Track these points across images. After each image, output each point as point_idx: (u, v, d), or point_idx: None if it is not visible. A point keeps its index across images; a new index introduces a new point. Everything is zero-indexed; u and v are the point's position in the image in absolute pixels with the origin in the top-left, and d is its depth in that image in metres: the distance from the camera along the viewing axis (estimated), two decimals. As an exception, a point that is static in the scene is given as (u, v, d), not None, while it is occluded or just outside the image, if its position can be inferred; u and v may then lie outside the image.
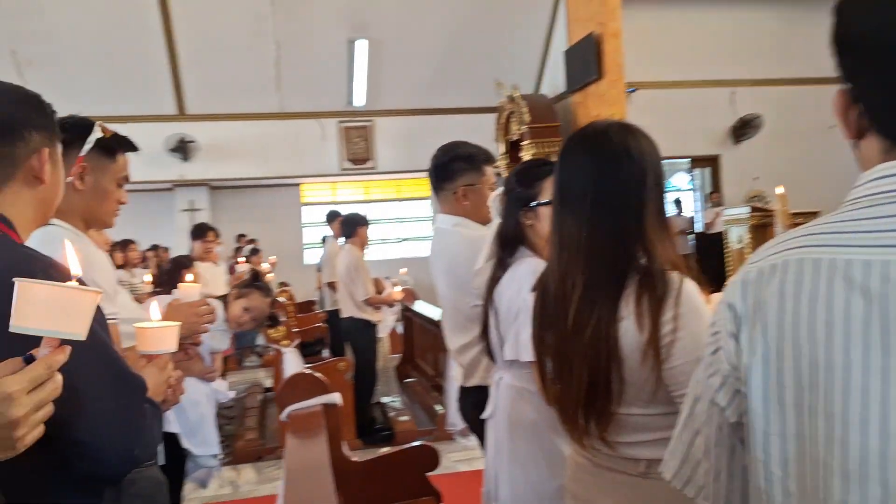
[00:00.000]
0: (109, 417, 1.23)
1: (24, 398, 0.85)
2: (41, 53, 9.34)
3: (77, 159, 1.91)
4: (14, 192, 1.35)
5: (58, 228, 1.91)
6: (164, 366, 1.54)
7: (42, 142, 1.37)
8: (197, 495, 4.78)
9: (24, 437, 0.86)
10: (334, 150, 11.04)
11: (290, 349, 5.39)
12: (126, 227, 10.50)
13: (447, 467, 4.79)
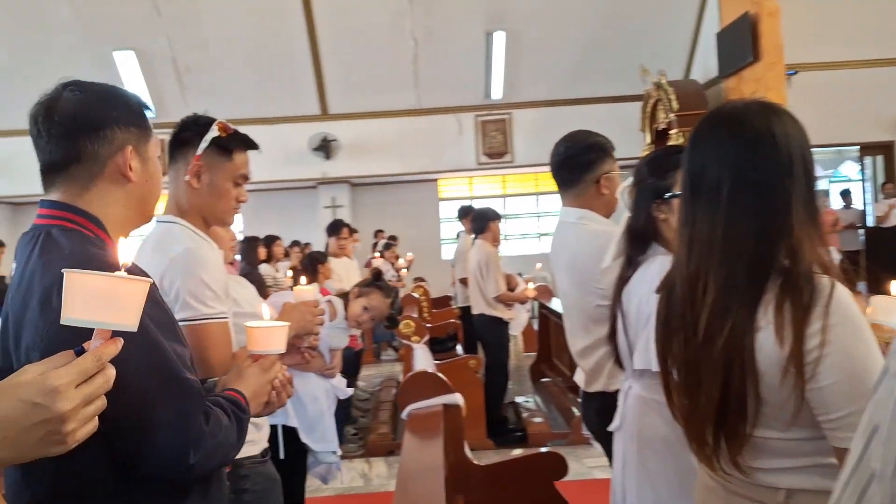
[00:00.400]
0: (157, 421, 1.21)
1: (71, 392, 0.82)
2: (198, 60, 9.94)
3: (194, 158, 1.93)
4: (102, 191, 1.36)
5: (176, 226, 1.94)
6: (268, 367, 1.52)
7: (127, 139, 1.36)
8: (330, 486, 4.86)
9: (75, 432, 0.84)
10: (471, 145, 11.00)
11: (420, 345, 5.35)
12: (272, 223, 11.04)
13: (582, 473, 4.59)
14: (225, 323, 1.87)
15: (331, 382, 2.88)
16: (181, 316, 1.79)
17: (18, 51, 9.53)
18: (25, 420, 0.81)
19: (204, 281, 1.83)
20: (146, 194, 1.44)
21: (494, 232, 5.74)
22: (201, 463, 1.25)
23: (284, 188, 11.67)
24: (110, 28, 9.53)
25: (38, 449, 0.83)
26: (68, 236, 1.30)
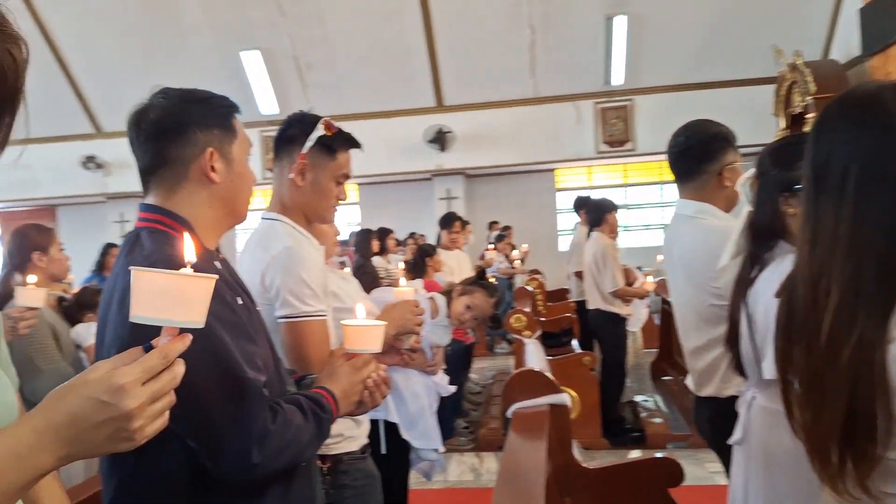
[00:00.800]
0: (217, 420, 1.24)
1: (137, 389, 0.82)
2: (319, 57, 10.21)
3: (299, 156, 1.97)
4: (188, 192, 1.41)
5: (278, 223, 1.99)
6: (360, 366, 1.53)
7: (209, 141, 1.41)
8: (440, 478, 4.84)
9: (143, 429, 0.84)
10: (590, 133, 10.71)
11: (531, 340, 5.23)
12: (388, 215, 11.21)
13: (702, 478, 4.35)
14: (323, 321, 1.89)
15: (433, 379, 2.83)
16: (280, 313, 1.84)
17: (153, 53, 10.12)
18: (94, 417, 0.81)
19: (303, 279, 1.85)
20: (232, 194, 1.46)
21: (611, 224, 5.53)
22: (267, 462, 1.26)
23: (400, 180, 11.81)
24: (237, 29, 9.95)
25: (108, 445, 0.84)
26: (153, 238, 1.36)
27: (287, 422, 1.32)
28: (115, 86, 10.29)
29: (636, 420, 5.66)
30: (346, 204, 12.86)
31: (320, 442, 1.43)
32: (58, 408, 0.82)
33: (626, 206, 12.45)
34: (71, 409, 0.82)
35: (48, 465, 0.81)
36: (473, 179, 12.09)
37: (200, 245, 1.39)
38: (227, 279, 1.41)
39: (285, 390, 1.49)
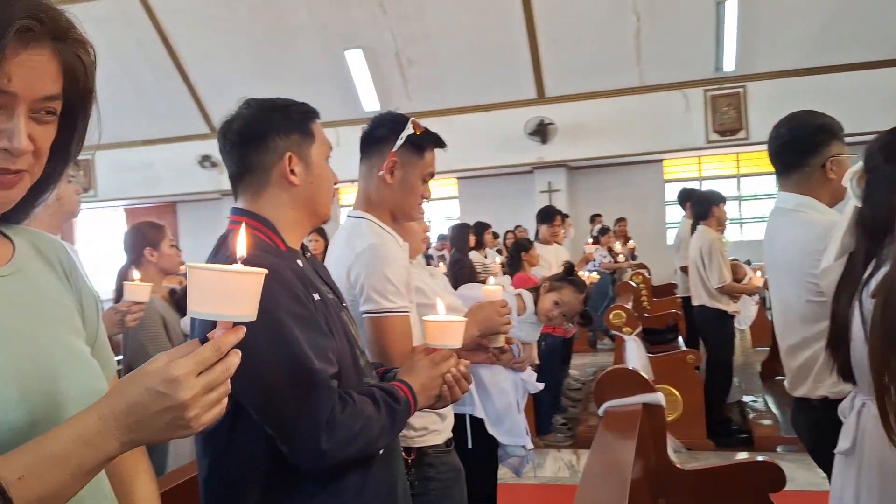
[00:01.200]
0: (285, 409, 1.31)
1: (191, 381, 0.85)
2: (420, 53, 10.31)
3: (389, 154, 2.01)
4: (271, 196, 1.50)
5: (363, 221, 2.03)
6: (439, 361, 1.57)
7: (288, 146, 1.49)
8: (534, 473, 4.80)
9: (199, 418, 0.87)
10: (700, 122, 10.30)
11: (631, 337, 5.09)
12: (489, 209, 11.21)
13: (814, 483, 4.10)
14: (405, 317, 1.92)
15: (520, 376, 2.79)
16: (364, 308, 1.89)
17: (262, 56, 10.51)
18: (152, 406, 0.85)
19: (386, 276, 1.89)
20: (312, 195, 1.54)
21: (718, 217, 5.29)
22: (335, 451, 1.32)
23: (500, 174, 11.76)
24: (341, 28, 10.20)
25: (168, 432, 0.87)
26: None
27: (356, 412, 1.36)
28: (227, 88, 10.78)
29: (744, 421, 5.41)
30: (445, 198, 13.02)
31: (394, 433, 1.47)
32: (120, 397, 0.86)
33: (739, 197, 11.92)
34: (130, 398, 0.85)
35: (114, 450, 0.85)
36: (576, 172, 11.89)
37: (283, 244, 1.48)
38: (303, 276, 1.46)
39: (363, 383, 1.52)
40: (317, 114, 1.56)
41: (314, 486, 1.39)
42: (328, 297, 1.53)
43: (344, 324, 1.53)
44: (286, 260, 1.45)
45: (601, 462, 2.20)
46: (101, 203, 12.97)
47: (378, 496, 1.49)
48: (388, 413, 1.43)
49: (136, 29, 10.66)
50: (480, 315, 2.18)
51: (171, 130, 11.27)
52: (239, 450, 1.38)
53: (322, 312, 1.43)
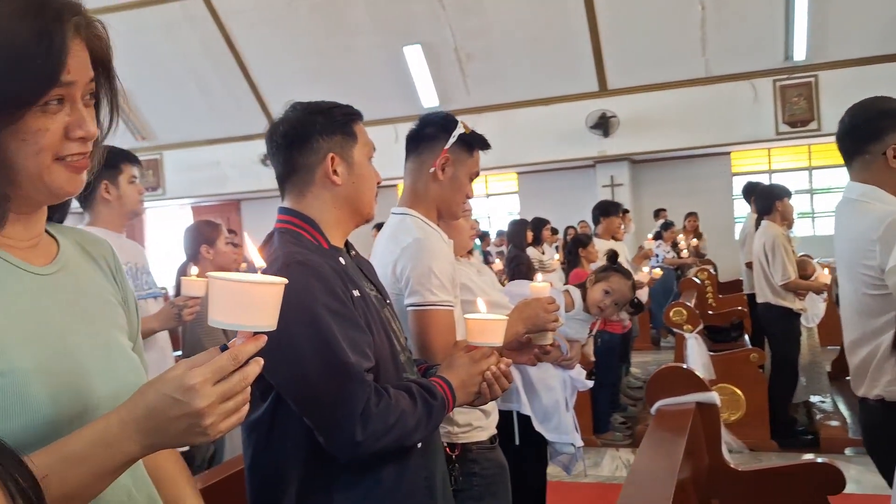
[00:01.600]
0: (321, 400, 1.36)
1: (207, 389, 0.87)
2: (479, 48, 10.29)
3: (441, 151, 2.06)
4: (314, 196, 1.56)
5: (409, 217, 2.07)
6: (479, 358, 1.58)
7: (330, 147, 1.54)
8: (594, 472, 4.74)
9: (215, 426, 0.88)
10: (769, 113, 9.97)
11: (692, 335, 4.96)
12: (549, 204, 11.09)
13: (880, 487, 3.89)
14: (448, 311, 1.94)
15: (569, 373, 2.76)
16: (408, 301, 1.92)
17: (323, 53, 10.67)
18: (169, 413, 0.87)
19: (431, 269, 1.92)
20: (355, 195, 1.59)
21: (783, 212, 5.10)
22: (369, 442, 1.36)
23: (560, 168, 11.64)
24: (400, 25, 10.26)
25: (185, 437, 0.89)
26: (284, 238, 1.52)
27: (391, 405, 1.40)
28: (288, 87, 10.96)
29: (810, 422, 5.21)
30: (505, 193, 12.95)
31: (430, 427, 1.50)
32: (139, 402, 0.89)
33: (811, 191, 11.50)
34: (149, 403, 0.88)
35: (134, 453, 0.88)
36: (639, 165, 11.68)
37: (325, 242, 1.54)
38: (344, 272, 1.50)
39: (402, 378, 1.55)
40: (360, 115, 1.61)
41: (352, 477, 1.43)
42: (370, 293, 1.57)
43: (384, 321, 1.56)
44: (328, 257, 1.50)
45: (649, 461, 2.17)
46: (169, 201, 13.41)
47: (415, 489, 1.52)
48: (424, 408, 1.46)
49: (201, 31, 10.96)
50: (527, 312, 2.17)
51: (235, 130, 11.54)
52: (279, 440, 1.43)
53: (361, 308, 1.47)
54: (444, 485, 1.64)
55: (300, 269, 1.40)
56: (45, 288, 0.99)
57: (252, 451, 1.48)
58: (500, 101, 10.40)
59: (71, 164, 0.96)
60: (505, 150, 10.72)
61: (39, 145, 0.92)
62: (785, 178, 11.30)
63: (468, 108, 10.74)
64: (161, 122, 12.32)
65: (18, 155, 0.92)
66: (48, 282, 1.00)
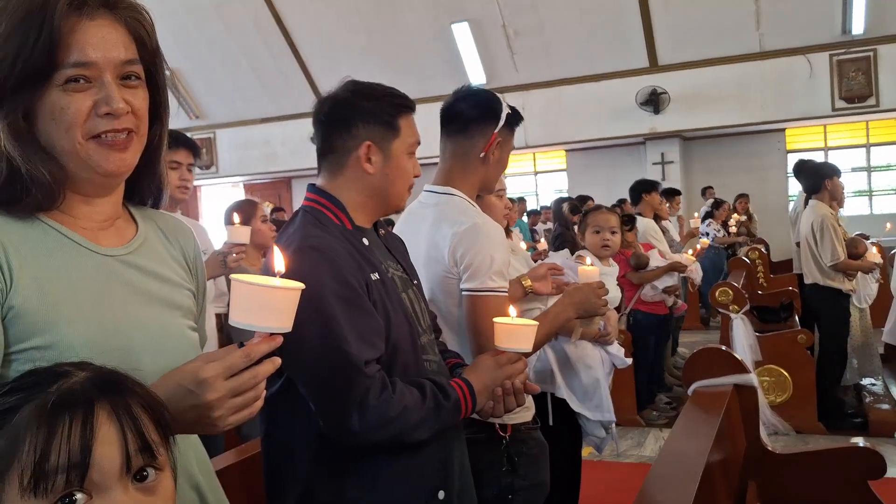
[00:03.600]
0: (318, 385, 1.38)
1: (218, 384, 0.92)
2: (527, 24, 10.18)
3: (492, 135, 2.03)
4: (346, 178, 1.55)
5: (457, 198, 2.03)
6: (504, 363, 1.55)
7: (369, 135, 1.53)
8: (636, 452, 4.75)
9: (224, 419, 0.94)
10: (825, 88, 9.66)
11: (738, 315, 4.91)
12: (596, 182, 10.98)
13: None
14: (504, 297, 1.92)
15: (608, 350, 2.73)
16: (467, 286, 1.89)
17: (371, 32, 10.69)
18: (181, 402, 0.93)
19: (493, 256, 1.89)
20: (386, 186, 1.56)
21: (833, 191, 4.97)
22: (367, 432, 1.37)
23: (609, 145, 11.48)
24: (448, 2, 10.20)
25: (195, 427, 0.95)
26: (307, 217, 1.53)
27: (392, 400, 1.38)
28: (337, 65, 11.02)
29: (860, 405, 5.12)
30: (554, 170, 12.84)
31: (437, 427, 1.46)
32: (160, 389, 0.93)
33: (869, 168, 11.13)
34: (166, 392, 0.92)
35: None
36: (690, 142, 11.45)
37: (350, 223, 1.53)
38: (364, 254, 1.50)
39: (421, 360, 1.55)
40: (411, 108, 1.59)
41: (362, 460, 1.43)
42: (392, 275, 1.56)
43: (404, 302, 1.55)
44: (349, 238, 1.50)
45: (681, 441, 2.15)
46: (223, 179, 13.66)
47: (429, 472, 1.50)
48: (433, 407, 1.44)
49: (253, 10, 11.07)
50: (577, 297, 2.11)
51: (286, 108, 11.68)
52: (290, 419, 1.45)
53: (378, 293, 1.46)
54: (461, 468, 1.62)
55: (312, 254, 1.40)
56: (110, 268, 1.05)
57: (265, 427, 1.51)
58: (548, 77, 10.30)
59: (107, 142, 0.99)
60: (553, 127, 10.63)
61: (66, 123, 0.97)
62: (841, 155, 10.96)
63: (516, 84, 10.67)
64: (214, 101, 12.54)
65: (52, 134, 0.98)
66: (114, 263, 1.06)
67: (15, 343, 0.94)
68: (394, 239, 1.73)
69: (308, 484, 1.44)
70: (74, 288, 0.99)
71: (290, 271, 1.37)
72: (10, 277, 0.94)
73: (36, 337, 0.94)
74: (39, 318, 0.95)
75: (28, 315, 0.94)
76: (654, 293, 5.17)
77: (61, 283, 0.98)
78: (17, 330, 0.94)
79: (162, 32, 1.11)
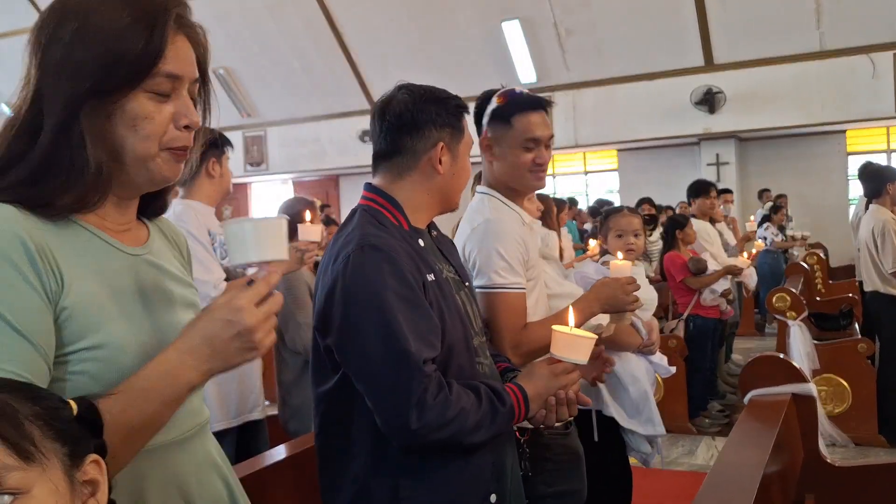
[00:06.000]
0: (378, 383, 1.39)
1: (252, 308, 0.97)
2: (578, 22, 10.08)
3: (483, 136, 2.06)
4: (412, 180, 1.58)
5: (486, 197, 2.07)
6: (559, 373, 1.54)
7: (441, 137, 1.57)
8: (688, 461, 4.65)
9: (263, 340, 0.98)
10: (889, 89, 9.33)
11: (796, 322, 4.76)
12: (648, 182, 10.80)
13: None
14: (518, 294, 1.92)
15: (651, 360, 2.61)
16: (476, 283, 1.90)
17: (421, 30, 10.71)
18: (223, 334, 0.97)
19: (498, 252, 1.91)
20: (450, 186, 1.61)
21: (893, 195, 4.79)
22: (424, 432, 1.36)
23: (662, 146, 11.29)
24: (499, 0, 10.15)
25: (238, 356, 0.99)
26: (366, 216, 1.54)
27: (450, 400, 1.39)
28: (386, 64, 11.12)
29: (924, 418, 4.91)
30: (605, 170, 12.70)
31: (492, 431, 1.45)
32: (195, 331, 0.98)
33: (937, 171, 10.72)
34: (205, 330, 0.98)
35: (195, 380, 0.98)
36: (747, 143, 11.19)
37: (406, 223, 1.55)
38: (421, 255, 1.51)
39: (475, 363, 1.55)
40: (467, 109, 1.66)
41: (416, 460, 1.44)
42: (447, 276, 1.57)
43: (458, 304, 1.56)
44: (406, 239, 1.51)
45: (736, 452, 2.10)
46: (272, 176, 13.87)
47: (481, 475, 1.50)
48: (489, 411, 1.43)
49: (304, 10, 11.19)
50: (605, 292, 2.06)
51: (335, 106, 11.79)
52: (346, 415, 1.46)
53: (434, 293, 1.48)
54: (513, 471, 1.62)
55: (372, 252, 1.42)
56: (137, 268, 1.08)
57: (320, 421, 1.52)
58: (600, 76, 10.18)
59: (176, 153, 1.05)
60: (605, 126, 10.51)
61: (147, 131, 1.01)
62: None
63: (567, 83, 10.57)
64: (265, 99, 12.72)
65: (128, 140, 1.01)
66: (139, 262, 1.09)
67: (68, 344, 0.96)
68: (445, 241, 1.74)
69: (363, 482, 1.45)
70: (114, 288, 1.02)
71: (351, 270, 1.42)
72: (61, 279, 0.95)
73: (87, 337, 0.96)
74: (89, 318, 0.97)
75: (79, 316, 0.96)
76: (713, 297, 5.07)
77: (102, 284, 1.01)
78: (69, 331, 0.96)
79: (216, 33, 1.14)
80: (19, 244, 0.92)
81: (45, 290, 0.93)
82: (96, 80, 0.97)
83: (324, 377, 1.49)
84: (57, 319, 0.95)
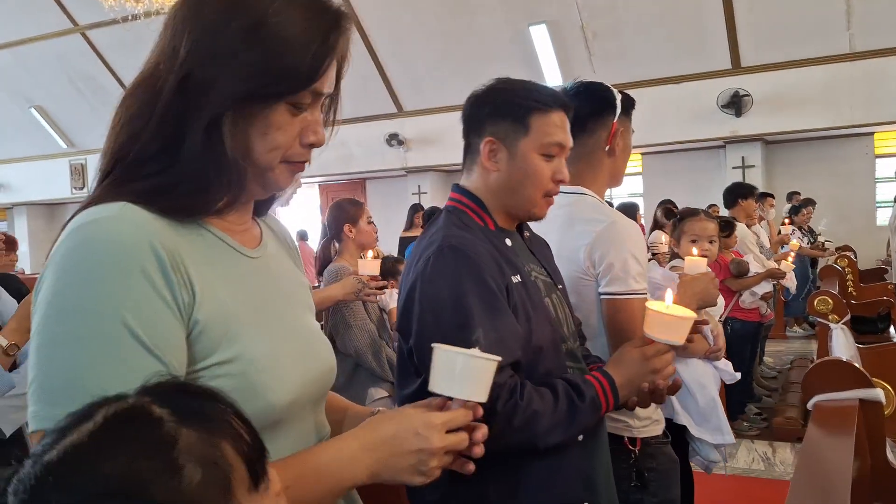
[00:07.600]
0: None
1: (444, 433, 0.94)
2: (605, 25, 10.05)
3: (612, 125, 1.96)
4: (477, 176, 1.55)
5: (589, 197, 1.98)
6: (652, 355, 1.46)
7: (493, 132, 1.50)
8: (729, 465, 4.62)
9: (435, 469, 0.94)
10: (920, 91, 9.25)
11: (838, 326, 4.71)
12: (672, 186, 10.74)
13: None
14: (645, 299, 1.85)
15: (717, 366, 2.58)
16: (608, 289, 1.83)
17: (448, 34, 10.70)
18: (406, 445, 0.93)
19: (634, 256, 1.84)
20: (511, 185, 1.51)
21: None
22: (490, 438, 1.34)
23: (687, 149, 11.22)
24: (525, 4, 10.14)
25: (407, 474, 0.94)
26: (450, 216, 1.52)
27: (519, 406, 1.35)
28: (414, 67, 11.11)
29: (970, 424, 4.86)
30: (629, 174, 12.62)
31: (573, 429, 1.42)
32: (375, 431, 0.94)
33: (966, 173, 10.61)
34: (390, 432, 0.93)
35: (360, 478, 0.93)
36: (773, 146, 11.10)
37: (493, 223, 1.51)
38: (507, 256, 1.48)
39: (564, 365, 1.51)
40: (545, 108, 1.50)
41: (505, 468, 1.40)
42: (536, 278, 1.52)
43: (547, 307, 1.51)
44: (492, 239, 1.48)
45: (816, 460, 2.04)
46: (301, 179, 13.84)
47: (572, 484, 1.47)
48: (567, 409, 1.40)
49: (333, 14, 11.20)
50: (698, 287, 2.03)
51: (362, 110, 11.80)
52: None
53: (520, 296, 1.43)
54: (607, 480, 1.58)
55: (453, 254, 1.38)
56: (259, 271, 1.02)
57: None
58: (626, 79, 10.10)
59: (295, 167, 1.00)
60: (630, 129, 10.42)
61: (276, 143, 0.95)
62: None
63: (594, 87, 10.50)
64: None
65: (255, 146, 0.94)
66: (260, 264, 1.03)
67: (200, 360, 0.88)
68: (538, 242, 1.70)
69: (449, 487, 1.39)
70: (241, 295, 0.95)
71: (430, 271, 1.39)
72: (192, 291, 0.88)
73: (218, 352, 0.89)
74: (221, 331, 0.90)
75: (212, 329, 0.89)
76: (753, 299, 5.05)
77: (231, 292, 0.94)
78: (202, 346, 0.88)
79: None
80: (152, 254, 0.84)
81: (178, 304, 0.86)
82: (261, 85, 0.91)
83: (407, 380, 1.46)
84: (189, 335, 0.87)
